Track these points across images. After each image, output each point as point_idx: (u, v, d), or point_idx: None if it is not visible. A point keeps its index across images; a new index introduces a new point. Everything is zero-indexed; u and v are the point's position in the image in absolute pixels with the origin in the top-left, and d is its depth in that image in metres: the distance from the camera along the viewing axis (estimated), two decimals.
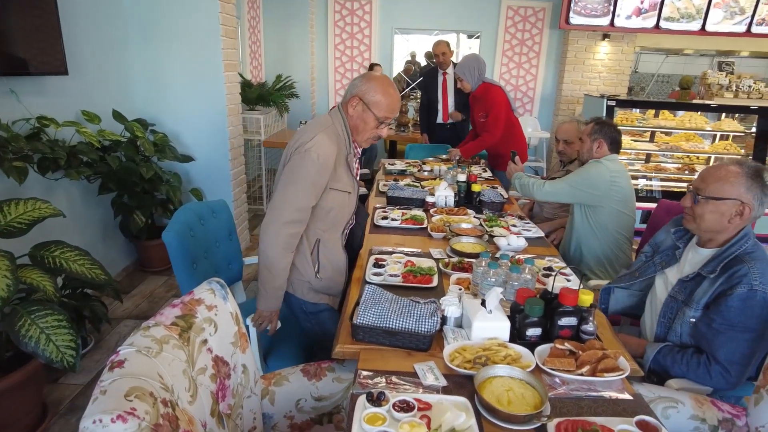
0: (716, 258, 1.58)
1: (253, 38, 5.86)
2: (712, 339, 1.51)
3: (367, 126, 1.78)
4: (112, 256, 3.43)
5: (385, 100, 1.75)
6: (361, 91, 1.75)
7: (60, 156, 2.51)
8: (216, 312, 1.29)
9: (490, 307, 1.44)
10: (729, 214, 1.56)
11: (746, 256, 1.52)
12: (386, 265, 1.92)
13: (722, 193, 1.56)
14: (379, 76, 1.79)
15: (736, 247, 1.56)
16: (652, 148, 5.09)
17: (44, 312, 1.84)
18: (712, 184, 1.58)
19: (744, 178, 1.54)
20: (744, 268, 1.49)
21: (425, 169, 3.74)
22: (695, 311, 1.58)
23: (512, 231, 2.39)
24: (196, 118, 3.62)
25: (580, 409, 1.21)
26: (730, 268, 1.52)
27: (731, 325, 1.48)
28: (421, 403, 1.16)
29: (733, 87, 5.12)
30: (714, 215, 1.58)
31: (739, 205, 1.54)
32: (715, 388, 1.55)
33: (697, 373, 1.53)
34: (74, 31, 2.87)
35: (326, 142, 1.69)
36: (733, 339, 1.48)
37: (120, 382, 0.96)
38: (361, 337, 1.45)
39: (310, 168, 1.67)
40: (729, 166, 1.60)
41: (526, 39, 6.64)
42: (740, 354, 1.48)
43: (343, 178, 1.81)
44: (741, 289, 1.46)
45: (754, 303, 1.46)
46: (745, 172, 1.56)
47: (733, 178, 1.55)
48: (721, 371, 1.50)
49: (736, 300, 1.47)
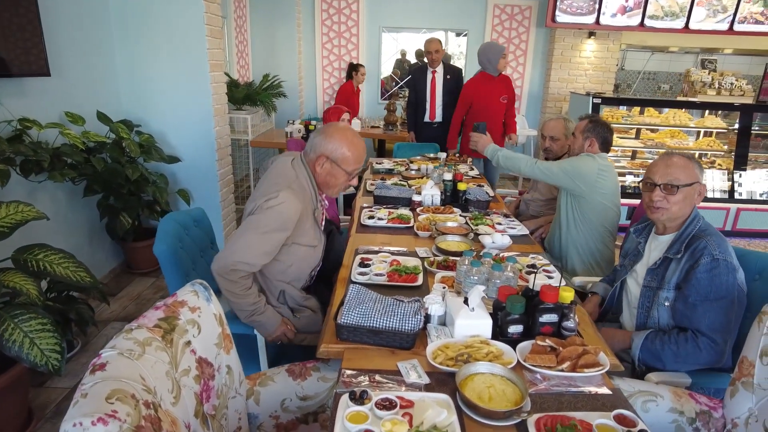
0: (678, 240, 1.73)
1: (239, 37, 5.84)
2: (692, 314, 1.61)
3: (338, 181, 1.81)
4: (99, 258, 3.41)
5: (352, 154, 1.77)
6: (328, 150, 1.76)
7: (43, 158, 2.49)
8: (199, 314, 1.30)
9: (473, 305, 1.45)
10: (695, 197, 1.74)
11: (702, 233, 1.69)
12: (372, 265, 1.93)
13: (690, 179, 1.73)
14: (341, 129, 1.79)
15: (692, 227, 1.72)
16: (637, 145, 5.16)
17: (28, 316, 1.83)
18: (681, 173, 1.73)
19: (693, 163, 1.75)
20: (702, 242, 1.64)
21: (412, 168, 3.76)
22: (668, 292, 1.69)
23: (497, 229, 2.41)
24: (182, 118, 3.60)
25: (560, 404, 1.23)
26: (691, 244, 1.67)
27: (704, 296, 1.59)
28: (403, 400, 1.17)
29: (716, 84, 5.20)
30: (686, 200, 1.74)
31: (699, 186, 1.74)
32: (706, 362, 1.60)
33: (687, 349, 1.59)
34: (56, 32, 2.84)
35: (291, 199, 1.66)
36: (710, 309, 1.58)
37: (101, 385, 0.96)
38: (345, 336, 1.46)
39: (272, 224, 1.64)
40: (681, 156, 1.78)
41: (512, 37, 6.68)
42: (720, 322, 1.57)
43: (309, 233, 1.80)
44: (704, 259, 1.60)
45: (719, 271, 1.58)
46: (690, 158, 1.77)
47: (690, 164, 1.75)
48: (709, 342, 1.57)
49: (703, 271, 1.59)
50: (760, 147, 5.06)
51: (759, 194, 4.88)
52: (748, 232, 4.91)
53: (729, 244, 1.66)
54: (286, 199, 1.64)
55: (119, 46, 3.45)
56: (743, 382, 1.36)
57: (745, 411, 1.35)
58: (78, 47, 3.08)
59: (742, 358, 1.38)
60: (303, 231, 1.77)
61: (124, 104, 3.56)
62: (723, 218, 4.85)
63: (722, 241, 1.64)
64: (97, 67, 3.29)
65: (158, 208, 3.39)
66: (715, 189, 4.87)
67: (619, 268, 2.04)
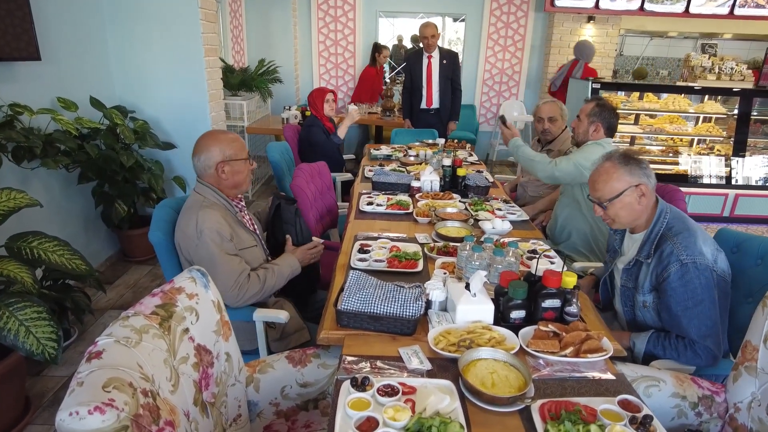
0: (647, 241, 1.65)
1: (234, 22, 5.74)
2: (678, 324, 1.57)
3: (243, 172, 1.85)
4: (95, 247, 3.38)
5: (235, 143, 1.84)
6: (216, 156, 1.80)
7: (35, 144, 2.45)
8: (197, 300, 1.27)
9: (474, 290, 1.44)
10: (635, 199, 1.64)
11: (668, 232, 1.60)
12: (371, 251, 1.91)
13: (616, 189, 1.64)
14: (206, 137, 1.85)
15: (659, 226, 1.64)
16: (636, 131, 5.13)
17: (23, 304, 1.80)
18: (604, 187, 1.66)
19: (622, 167, 1.64)
20: (668, 246, 1.57)
21: (411, 154, 3.72)
22: (644, 295, 1.66)
23: (497, 215, 2.39)
24: (177, 104, 3.54)
25: (563, 390, 1.22)
26: (659, 248, 1.60)
27: (684, 305, 1.54)
28: (405, 387, 1.16)
29: (716, 69, 5.15)
30: (625, 209, 1.65)
31: (635, 189, 1.63)
32: (707, 365, 1.58)
33: (687, 356, 1.57)
34: (46, 15, 2.78)
35: (209, 215, 1.72)
36: (694, 316, 1.54)
37: (98, 373, 0.94)
38: (345, 322, 1.44)
39: (214, 244, 1.70)
40: (604, 166, 1.69)
41: (511, 22, 6.60)
42: (706, 326, 1.54)
43: (243, 237, 1.84)
44: (673, 267, 1.54)
45: (690, 276, 1.52)
46: (618, 162, 1.66)
47: (614, 172, 1.65)
48: (704, 347, 1.55)
49: (675, 280, 1.54)
50: (759, 133, 5.03)
51: (757, 180, 4.87)
52: (746, 218, 4.91)
53: (698, 238, 1.57)
54: (204, 217, 1.71)
55: (111, 29, 3.38)
56: (746, 366, 1.35)
57: (747, 395, 1.34)
58: (69, 31, 3.01)
59: (746, 342, 1.37)
60: (239, 238, 1.81)
61: (117, 90, 3.50)
62: (721, 204, 4.84)
63: (689, 238, 1.56)
64: (89, 51, 3.22)
65: (154, 195, 3.35)
66: (713, 175, 4.86)
67: (605, 263, 2.00)
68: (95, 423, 0.85)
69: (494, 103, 7.00)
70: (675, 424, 1.42)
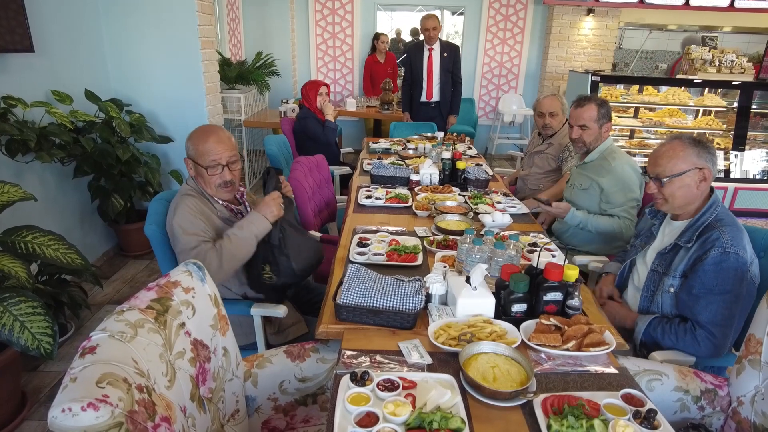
0: (691, 227, 1.64)
1: (231, 15, 5.69)
2: (693, 304, 1.56)
3: (205, 178, 1.75)
4: (91, 241, 3.35)
5: (204, 147, 1.71)
6: (187, 151, 1.76)
7: (29, 138, 2.41)
8: (193, 294, 1.25)
9: (475, 283, 1.42)
10: (695, 182, 1.62)
11: (717, 223, 1.59)
12: (370, 244, 1.89)
13: (680, 168, 1.62)
14: (197, 129, 1.77)
15: (707, 215, 1.62)
16: (636, 124, 5.11)
17: (18, 299, 1.78)
18: (667, 163, 1.65)
19: (690, 148, 1.63)
20: (716, 233, 1.55)
21: (410, 147, 3.70)
22: (673, 279, 1.64)
23: (497, 208, 2.37)
24: (174, 97, 3.51)
25: (566, 384, 1.20)
26: (704, 234, 1.58)
27: (709, 289, 1.53)
28: (405, 381, 1.14)
29: (716, 62, 5.12)
30: (683, 189, 1.64)
31: (698, 172, 1.62)
32: (703, 355, 1.57)
33: (685, 341, 1.56)
34: (40, 6, 2.73)
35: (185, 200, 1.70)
36: (712, 302, 1.53)
37: (91, 369, 0.91)
38: (344, 316, 1.42)
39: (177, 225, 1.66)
40: (672, 143, 1.67)
41: (510, 15, 6.55)
42: (721, 316, 1.52)
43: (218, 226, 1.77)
44: (714, 252, 1.52)
45: (728, 265, 1.51)
46: (687, 142, 1.64)
47: (681, 151, 1.63)
48: (707, 335, 1.53)
49: (711, 264, 1.52)
50: (759, 126, 5.02)
51: (756, 173, 4.85)
52: (746, 212, 4.89)
53: (745, 237, 1.57)
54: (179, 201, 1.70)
55: (106, 21, 3.33)
56: (750, 360, 1.33)
57: (751, 389, 1.33)
58: (63, 22, 2.97)
59: (749, 336, 1.36)
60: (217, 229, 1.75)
61: (112, 82, 3.45)
62: (720, 197, 4.82)
63: (737, 233, 1.55)
64: (84, 43, 3.18)
65: (150, 189, 3.32)
66: None
67: (630, 247, 1.98)
68: (89, 419, 0.83)
69: (493, 96, 6.97)
70: (677, 418, 1.41)
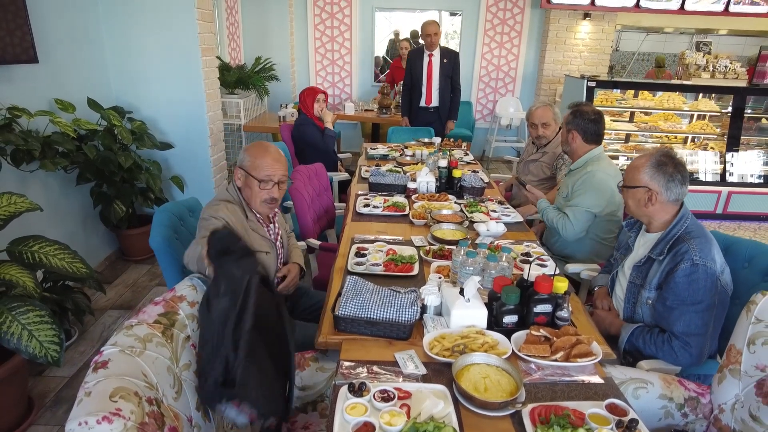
0: (662, 240, 1.70)
1: (231, 19, 5.73)
2: (668, 316, 1.63)
3: (253, 189, 1.82)
4: (94, 246, 3.40)
5: (261, 162, 1.81)
6: (240, 161, 1.85)
7: (34, 147, 2.46)
8: (198, 308, 1.31)
9: (468, 295, 1.48)
10: (643, 200, 1.71)
11: (686, 235, 1.65)
12: (368, 254, 1.95)
13: (634, 181, 1.73)
14: (255, 143, 1.87)
15: (677, 228, 1.68)
16: (631, 128, 5.16)
17: (25, 308, 1.83)
18: (628, 173, 1.76)
19: (648, 168, 1.69)
20: (685, 246, 1.62)
21: (407, 153, 3.75)
22: (649, 292, 1.71)
23: (492, 216, 2.43)
24: (174, 104, 3.56)
25: (554, 394, 1.26)
26: (674, 247, 1.65)
27: (681, 300, 1.60)
28: (401, 392, 1.20)
29: (710, 67, 5.19)
30: (633, 201, 1.75)
31: (646, 192, 1.69)
32: (682, 364, 1.63)
33: (664, 351, 1.63)
34: (43, 17, 2.78)
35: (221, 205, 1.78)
36: (685, 312, 1.59)
37: (104, 383, 0.97)
38: (343, 327, 1.48)
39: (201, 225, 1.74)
40: (641, 157, 1.75)
41: (507, 18, 6.60)
42: (695, 325, 1.59)
43: (255, 241, 1.84)
44: (684, 264, 1.59)
45: (697, 276, 1.57)
46: (651, 162, 1.70)
47: (641, 167, 1.71)
48: (681, 345, 1.60)
49: (681, 276, 1.59)
50: (753, 130, 5.08)
51: (749, 177, 4.92)
52: (739, 215, 4.96)
53: (714, 247, 1.63)
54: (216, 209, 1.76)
55: (108, 30, 3.38)
56: (731, 369, 1.39)
57: (731, 397, 1.39)
58: (65, 32, 3.01)
59: (730, 346, 1.42)
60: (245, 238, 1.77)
61: (114, 90, 3.50)
62: (714, 201, 4.89)
63: (706, 244, 1.61)
64: (86, 53, 3.23)
65: (152, 195, 3.37)
66: (708, 172, 4.91)
67: (612, 261, 2.05)
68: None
69: (490, 99, 7.02)
70: (662, 424, 1.47)
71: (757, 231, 4.80)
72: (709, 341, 1.63)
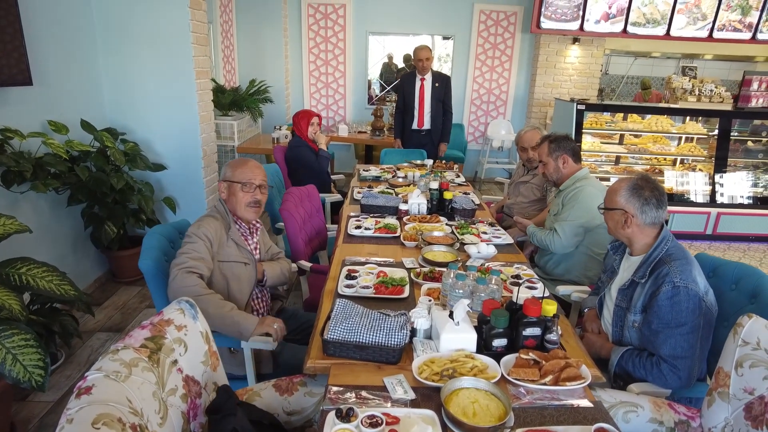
0: (644, 263, 1.73)
1: (226, 42, 5.81)
2: (654, 339, 1.63)
3: (237, 196, 1.95)
4: (84, 268, 3.37)
5: (241, 169, 1.97)
6: (223, 175, 2.02)
7: (25, 169, 2.47)
8: (186, 332, 1.30)
9: (458, 319, 1.47)
10: (620, 222, 1.77)
11: (667, 258, 1.67)
12: (359, 277, 1.95)
13: (611, 203, 1.79)
14: (237, 158, 2.06)
15: (658, 251, 1.71)
16: (621, 151, 5.24)
17: (10, 332, 1.81)
18: (608, 196, 1.83)
19: (624, 191, 1.75)
20: (666, 269, 1.64)
21: (399, 175, 3.78)
22: (635, 315, 1.72)
23: (483, 238, 2.44)
24: (168, 125, 3.58)
25: (543, 418, 1.25)
26: (655, 270, 1.67)
27: (666, 323, 1.61)
28: (389, 417, 1.19)
29: (696, 91, 5.30)
30: (611, 222, 1.81)
31: (623, 214, 1.75)
32: (671, 387, 1.63)
33: (653, 375, 1.63)
34: (38, 39, 2.81)
35: (208, 220, 1.90)
36: (670, 335, 1.60)
37: (87, 410, 0.96)
38: (332, 352, 1.47)
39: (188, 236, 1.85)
40: (621, 181, 1.80)
41: (498, 43, 6.74)
42: (681, 348, 1.60)
43: (233, 252, 1.93)
44: (665, 287, 1.60)
45: (679, 299, 1.59)
46: (628, 185, 1.76)
47: (619, 190, 1.77)
48: (670, 368, 1.60)
49: (664, 299, 1.60)
50: (739, 152, 5.17)
51: (738, 198, 4.98)
52: (728, 236, 5.01)
53: (695, 268, 1.65)
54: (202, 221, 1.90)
55: (103, 53, 3.42)
56: (719, 392, 1.39)
57: (721, 420, 1.38)
58: (60, 55, 3.05)
59: (719, 368, 1.42)
60: (226, 252, 1.91)
61: (108, 112, 3.52)
62: (704, 222, 4.94)
63: (686, 266, 1.63)
64: (81, 74, 3.26)
65: (144, 216, 3.36)
66: (697, 193, 4.97)
67: (600, 284, 2.06)
68: None
69: (482, 122, 7.12)
70: None
71: (747, 252, 4.84)
72: (697, 363, 1.64)
